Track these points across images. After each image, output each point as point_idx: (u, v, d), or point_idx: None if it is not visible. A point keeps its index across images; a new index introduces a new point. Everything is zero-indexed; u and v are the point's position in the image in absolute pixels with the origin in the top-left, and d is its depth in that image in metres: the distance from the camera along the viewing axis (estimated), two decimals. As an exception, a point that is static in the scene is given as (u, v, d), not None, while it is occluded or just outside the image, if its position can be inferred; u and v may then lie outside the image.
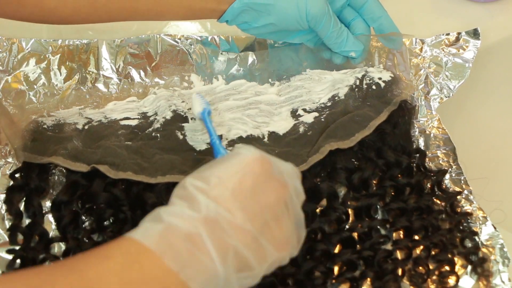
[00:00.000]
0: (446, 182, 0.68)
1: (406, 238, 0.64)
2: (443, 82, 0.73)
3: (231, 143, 0.67)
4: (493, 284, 0.62)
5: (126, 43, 0.75)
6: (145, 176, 0.63)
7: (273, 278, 0.59)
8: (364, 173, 0.66)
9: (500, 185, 0.76)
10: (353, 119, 0.68)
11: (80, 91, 0.73)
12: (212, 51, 0.76)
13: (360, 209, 0.65)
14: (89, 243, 0.61)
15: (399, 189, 0.66)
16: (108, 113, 0.70)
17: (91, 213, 0.63)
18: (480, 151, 0.78)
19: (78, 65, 0.74)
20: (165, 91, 0.72)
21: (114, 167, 0.63)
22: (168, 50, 0.75)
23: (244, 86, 0.74)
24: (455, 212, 0.66)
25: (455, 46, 0.75)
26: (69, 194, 0.63)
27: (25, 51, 0.73)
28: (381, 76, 0.72)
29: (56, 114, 0.69)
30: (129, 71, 0.74)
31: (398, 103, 0.70)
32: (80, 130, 0.67)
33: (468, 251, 0.63)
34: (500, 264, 0.62)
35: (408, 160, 0.67)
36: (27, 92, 0.72)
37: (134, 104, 0.72)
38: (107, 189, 0.63)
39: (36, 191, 0.64)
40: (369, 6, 0.71)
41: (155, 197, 0.62)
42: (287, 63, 0.75)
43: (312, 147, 0.66)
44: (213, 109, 0.70)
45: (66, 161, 0.63)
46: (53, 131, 0.67)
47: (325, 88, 0.72)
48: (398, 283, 0.61)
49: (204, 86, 0.74)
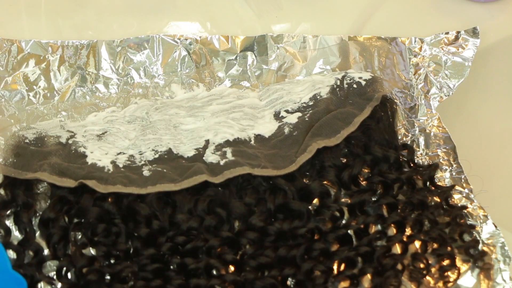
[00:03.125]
0: (447, 181, 0.68)
1: (400, 234, 0.64)
2: (443, 81, 0.73)
3: (219, 147, 0.67)
4: (494, 283, 0.62)
5: (126, 43, 0.75)
6: (134, 187, 0.63)
7: (273, 280, 0.59)
8: (353, 169, 0.66)
9: (500, 184, 0.76)
10: (337, 117, 0.68)
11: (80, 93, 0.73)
12: (212, 51, 0.76)
13: (353, 206, 0.65)
14: (83, 259, 0.60)
15: (388, 184, 0.66)
16: (90, 126, 0.69)
17: (80, 228, 0.62)
18: (480, 150, 0.78)
19: (78, 66, 0.74)
20: (146, 101, 0.72)
21: (103, 181, 0.62)
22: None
23: (226, 92, 0.74)
24: (451, 206, 0.66)
25: (454, 45, 0.75)
26: (56, 210, 0.62)
27: (25, 52, 0.73)
28: (361, 75, 0.73)
29: (37, 127, 0.68)
30: (129, 71, 0.75)
31: (380, 98, 0.70)
32: (64, 145, 0.66)
33: (468, 245, 0.63)
34: (501, 262, 0.62)
35: (395, 154, 0.67)
36: (27, 93, 0.72)
37: (114, 115, 0.71)
38: (97, 203, 0.62)
39: (24, 207, 0.63)
40: None
41: (148, 207, 0.62)
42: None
43: (299, 147, 0.66)
44: (197, 114, 0.70)
45: (52, 176, 0.62)
46: (36, 145, 0.66)
47: (305, 88, 0.72)
48: (399, 279, 0.61)
49: (185, 94, 0.74)
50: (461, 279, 0.62)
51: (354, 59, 0.76)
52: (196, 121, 0.70)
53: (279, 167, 0.65)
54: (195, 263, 0.60)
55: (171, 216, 0.62)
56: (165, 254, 0.61)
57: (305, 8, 0.81)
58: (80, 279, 0.60)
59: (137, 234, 0.62)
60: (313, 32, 0.78)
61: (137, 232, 0.62)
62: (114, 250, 0.61)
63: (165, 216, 0.62)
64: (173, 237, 0.61)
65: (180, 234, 0.62)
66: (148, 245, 0.61)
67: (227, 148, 0.66)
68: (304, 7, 0.81)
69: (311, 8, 0.81)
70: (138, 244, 0.61)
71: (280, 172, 0.65)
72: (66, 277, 0.60)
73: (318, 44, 0.77)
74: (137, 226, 0.62)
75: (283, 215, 0.63)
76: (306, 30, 0.79)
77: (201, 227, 0.62)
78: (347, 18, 0.80)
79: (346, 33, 0.78)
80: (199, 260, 0.61)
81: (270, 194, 0.64)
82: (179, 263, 0.61)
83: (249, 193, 0.64)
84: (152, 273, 0.60)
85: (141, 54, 0.75)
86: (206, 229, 0.62)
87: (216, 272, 0.61)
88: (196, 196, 0.63)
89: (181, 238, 0.61)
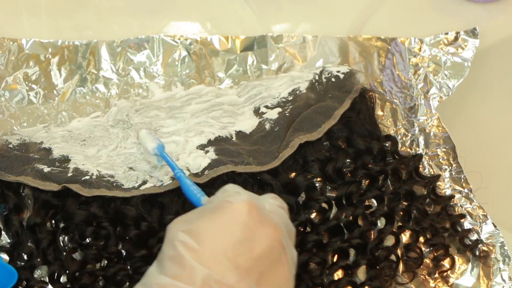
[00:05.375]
0: (446, 180, 0.68)
1: (390, 225, 0.64)
2: (442, 81, 0.73)
3: (202, 147, 0.67)
4: (494, 283, 0.62)
5: (126, 44, 0.75)
6: (119, 191, 0.63)
7: None
8: (337, 162, 0.66)
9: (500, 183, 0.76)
10: (317, 111, 0.68)
11: (80, 93, 0.73)
12: (212, 51, 0.76)
13: (339, 198, 0.65)
14: (75, 264, 0.60)
15: (373, 176, 0.66)
16: (74, 131, 0.69)
17: (68, 233, 0.62)
18: (480, 150, 0.78)
19: (78, 66, 0.74)
20: (126, 102, 0.72)
21: (87, 185, 0.62)
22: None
23: (204, 91, 0.73)
24: (438, 195, 0.66)
25: (453, 45, 0.76)
26: (41, 215, 0.62)
27: (25, 51, 0.73)
28: (339, 69, 0.73)
29: (20, 133, 0.68)
30: (129, 72, 0.75)
31: (359, 90, 0.71)
32: (47, 150, 0.66)
33: (462, 235, 0.64)
34: (501, 262, 0.63)
35: (378, 145, 0.68)
36: (27, 92, 0.72)
37: (98, 120, 0.71)
38: (82, 207, 0.62)
39: (15, 210, 0.63)
40: None
41: (134, 209, 0.62)
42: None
43: (281, 143, 0.67)
44: (177, 115, 0.70)
45: (35, 181, 0.62)
46: (20, 151, 0.66)
47: (283, 83, 0.73)
48: (393, 270, 0.61)
49: (163, 93, 0.74)
50: (460, 279, 0.63)
51: (354, 59, 0.76)
52: (177, 123, 0.69)
53: (263, 163, 0.65)
54: None
55: (160, 217, 0.62)
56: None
57: (305, 8, 0.81)
58: (74, 283, 0.60)
59: (127, 237, 0.62)
60: (313, 32, 0.78)
61: (127, 235, 0.62)
62: (105, 253, 0.61)
63: (153, 217, 0.62)
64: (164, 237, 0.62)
65: None
66: (139, 246, 0.61)
67: (209, 148, 0.66)
68: (304, 7, 0.81)
69: (311, 8, 0.81)
70: (129, 246, 0.61)
71: (263, 168, 0.65)
72: (58, 281, 0.60)
73: (318, 44, 0.77)
74: (126, 228, 0.62)
75: None
76: (306, 30, 0.79)
77: None
78: (347, 18, 0.80)
79: (346, 33, 0.78)
80: None
81: (258, 189, 0.64)
82: None
83: None
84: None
85: (141, 55, 0.75)
86: None
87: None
88: (183, 197, 0.63)
89: None
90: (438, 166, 0.69)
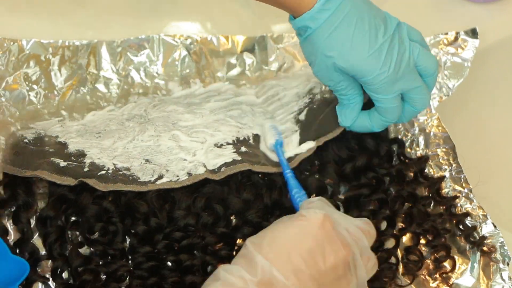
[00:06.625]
0: (447, 180, 0.68)
1: (391, 228, 0.64)
2: (442, 81, 0.74)
3: (219, 145, 0.67)
4: (494, 283, 0.62)
5: (126, 44, 0.75)
6: (135, 185, 0.63)
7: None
8: (356, 162, 0.66)
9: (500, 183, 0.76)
10: (331, 114, 0.68)
11: (80, 93, 0.73)
12: (212, 51, 0.76)
13: (349, 200, 0.65)
14: (79, 259, 0.60)
15: (380, 179, 0.67)
16: (89, 124, 0.69)
17: (77, 227, 0.62)
18: (480, 149, 0.78)
19: (78, 66, 0.74)
20: (144, 99, 0.72)
21: (103, 180, 0.62)
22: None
23: (223, 88, 0.74)
24: (442, 196, 0.66)
25: (453, 45, 0.76)
26: (55, 208, 0.62)
27: (26, 51, 0.73)
28: None
29: (35, 126, 0.68)
30: (129, 72, 0.75)
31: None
32: (63, 144, 0.66)
33: (467, 232, 0.64)
34: (501, 262, 0.63)
35: (387, 147, 0.68)
36: (28, 93, 0.72)
37: (113, 113, 0.71)
38: (96, 202, 0.62)
39: (24, 207, 0.63)
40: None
41: (147, 204, 0.62)
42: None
43: (298, 145, 0.67)
44: (196, 111, 0.70)
45: (52, 175, 0.62)
46: (35, 145, 0.66)
47: (300, 83, 0.73)
48: (393, 272, 0.61)
49: (183, 90, 0.74)
50: (460, 279, 0.63)
51: (354, 59, 0.76)
52: (195, 118, 0.70)
53: (279, 165, 0.65)
54: (190, 260, 0.60)
55: (169, 212, 0.63)
56: (161, 252, 0.61)
57: (305, 8, 0.81)
58: (75, 278, 0.60)
59: (134, 231, 0.62)
60: (313, 32, 0.78)
61: (134, 229, 0.62)
62: (110, 249, 0.61)
63: (163, 214, 0.62)
64: (169, 233, 0.62)
65: (177, 230, 0.62)
66: (144, 242, 0.61)
67: (226, 146, 0.67)
68: (304, 7, 0.81)
69: (311, 8, 0.81)
70: (134, 241, 0.62)
71: (280, 169, 0.65)
72: (60, 277, 0.60)
73: (318, 44, 0.77)
74: (135, 223, 0.62)
75: (279, 211, 0.64)
76: (306, 30, 0.79)
77: (198, 224, 0.62)
78: (347, 18, 0.80)
79: (346, 33, 0.78)
80: (194, 257, 0.61)
81: (266, 190, 0.64)
82: (174, 260, 0.61)
83: (247, 190, 0.64)
84: (148, 271, 0.60)
85: (141, 54, 0.75)
86: (203, 226, 0.62)
87: (211, 268, 0.61)
88: (195, 193, 0.63)
89: (178, 234, 0.61)
90: (438, 166, 0.69)
